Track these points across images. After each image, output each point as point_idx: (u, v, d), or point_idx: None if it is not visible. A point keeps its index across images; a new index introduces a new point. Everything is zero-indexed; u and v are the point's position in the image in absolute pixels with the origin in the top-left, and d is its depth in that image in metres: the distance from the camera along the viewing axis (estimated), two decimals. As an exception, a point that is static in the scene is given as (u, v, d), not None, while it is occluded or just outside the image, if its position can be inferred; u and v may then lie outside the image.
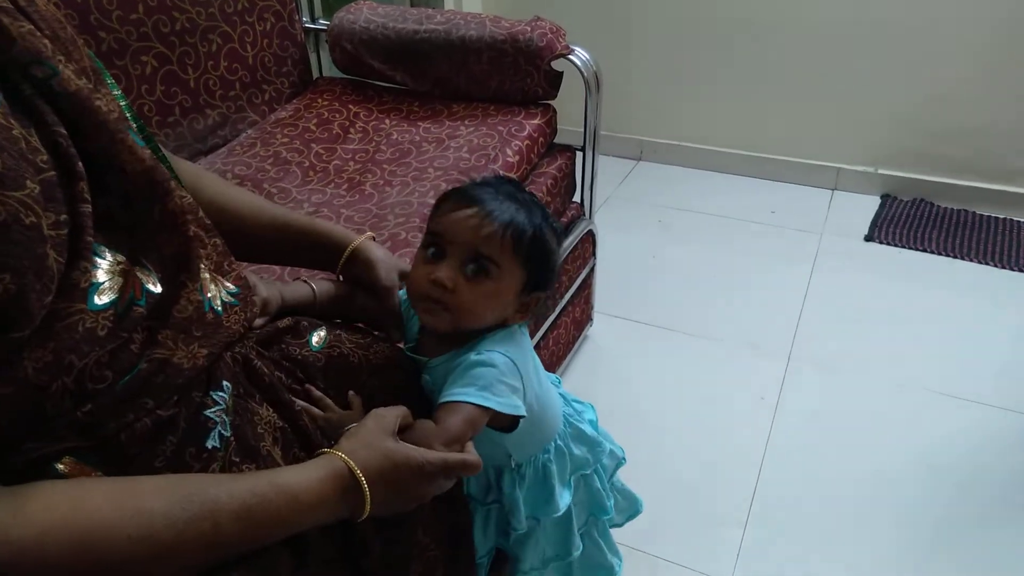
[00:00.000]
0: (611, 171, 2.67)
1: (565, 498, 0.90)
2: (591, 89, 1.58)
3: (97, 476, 0.55)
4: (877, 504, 1.47)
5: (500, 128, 1.55)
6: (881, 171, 2.48)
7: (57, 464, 0.53)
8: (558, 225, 0.83)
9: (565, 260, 1.63)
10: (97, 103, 0.56)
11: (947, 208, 2.40)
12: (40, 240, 0.49)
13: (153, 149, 0.64)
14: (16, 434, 0.52)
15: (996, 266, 2.15)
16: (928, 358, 1.82)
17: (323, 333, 0.79)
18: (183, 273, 0.62)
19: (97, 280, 0.55)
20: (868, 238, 2.30)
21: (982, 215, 2.36)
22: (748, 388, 1.76)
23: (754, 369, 1.82)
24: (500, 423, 0.79)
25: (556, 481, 0.89)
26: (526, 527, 0.90)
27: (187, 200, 0.64)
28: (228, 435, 0.63)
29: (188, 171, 0.81)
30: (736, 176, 2.65)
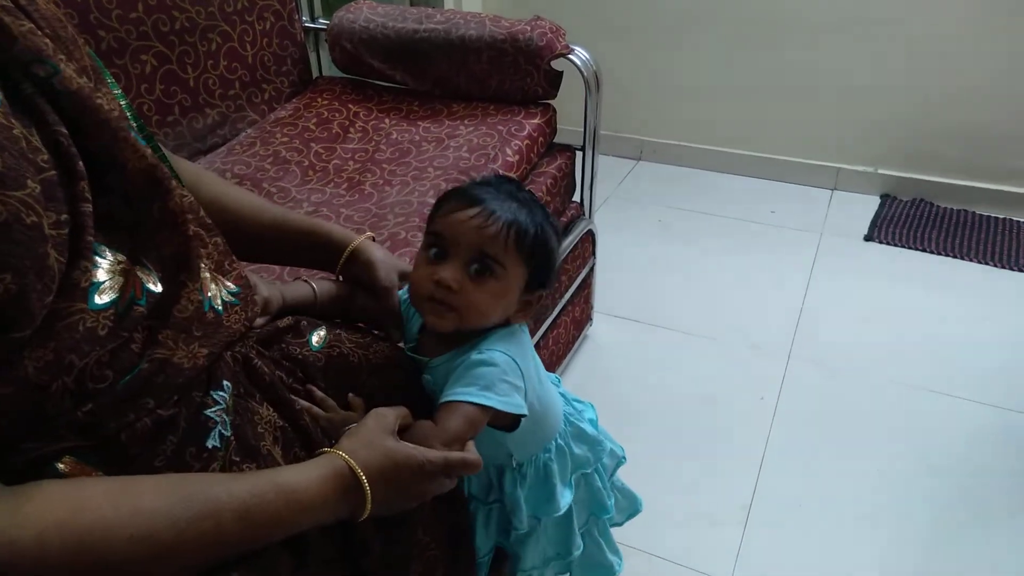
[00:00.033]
0: (611, 171, 2.67)
1: (566, 497, 0.90)
2: (591, 89, 1.58)
3: (97, 476, 0.55)
4: (877, 504, 1.47)
5: (500, 128, 1.55)
6: (881, 171, 2.48)
7: (57, 464, 0.53)
8: (557, 224, 0.83)
9: (565, 260, 1.63)
10: (98, 102, 0.56)
11: (947, 208, 2.40)
12: (41, 240, 0.49)
13: (153, 148, 0.64)
14: (16, 434, 0.51)
15: (996, 266, 2.15)
16: (928, 358, 1.82)
17: (323, 333, 0.79)
18: (183, 272, 0.62)
19: (98, 279, 0.54)
20: (868, 238, 2.30)
21: (982, 215, 2.36)
22: (748, 388, 1.76)
23: (754, 369, 1.82)
24: (502, 422, 0.79)
25: (557, 480, 0.89)
26: (528, 526, 0.90)
27: (188, 199, 0.64)
28: (228, 435, 0.63)
29: (188, 171, 0.81)
30: (736, 176, 2.65)
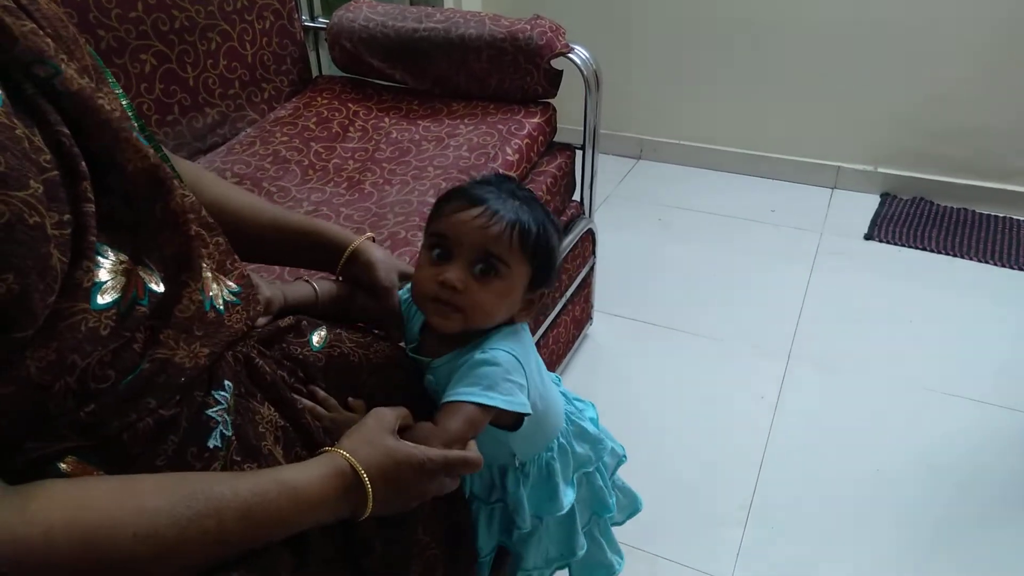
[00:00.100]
0: (611, 170, 2.67)
1: (569, 496, 0.90)
2: (591, 88, 1.58)
3: (100, 475, 0.55)
4: (877, 504, 1.47)
5: (500, 127, 1.55)
6: (881, 170, 2.48)
7: (60, 464, 0.53)
8: (558, 222, 0.83)
9: (565, 259, 1.63)
10: (100, 102, 0.56)
11: (947, 207, 2.40)
12: (43, 240, 0.49)
13: (155, 148, 0.64)
14: (19, 433, 0.51)
15: (996, 265, 2.15)
16: (928, 357, 1.82)
17: (323, 332, 0.79)
18: (185, 272, 0.62)
19: (100, 279, 0.54)
20: (868, 237, 2.30)
21: (982, 214, 2.36)
22: (748, 387, 1.76)
23: (754, 368, 1.82)
24: (504, 421, 0.79)
25: (560, 479, 0.89)
26: (530, 526, 0.90)
27: (189, 199, 0.64)
28: (230, 434, 0.63)
29: (188, 171, 0.81)
30: (736, 175, 2.65)
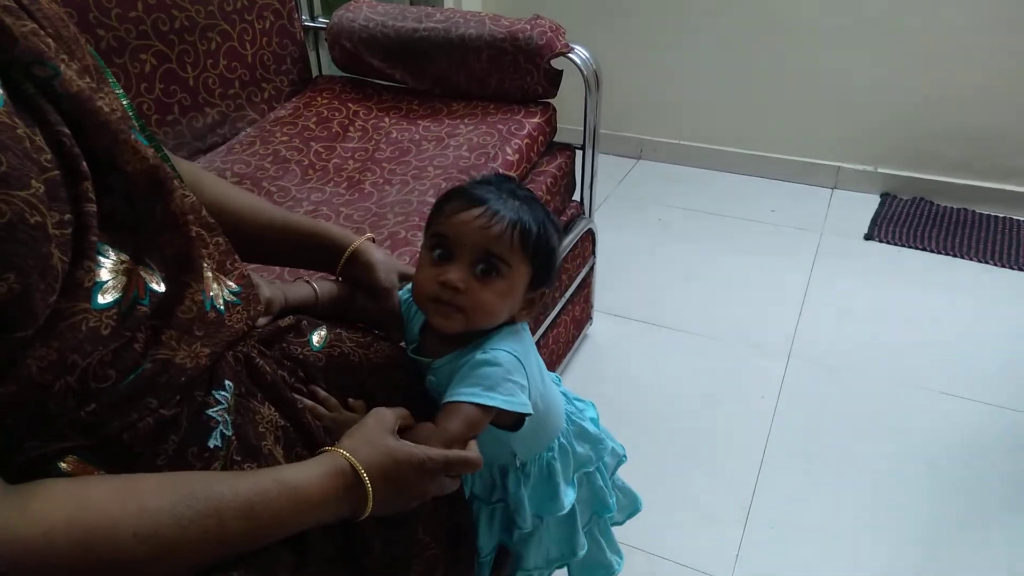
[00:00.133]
0: (611, 170, 2.67)
1: (570, 496, 0.90)
2: (591, 88, 1.58)
3: (100, 475, 0.55)
4: (877, 504, 1.47)
5: (500, 127, 1.55)
6: (881, 170, 2.48)
7: (60, 463, 0.53)
8: (557, 221, 0.84)
9: (565, 259, 1.63)
10: (99, 104, 0.56)
11: (947, 207, 2.40)
12: (45, 239, 0.49)
13: (156, 148, 0.64)
14: (19, 433, 0.51)
15: (996, 265, 2.15)
16: (928, 357, 1.82)
17: (323, 332, 0.79)
18: (186, 273, 0.62)
19: (101, 279, 0.54)
20: (868, 237, 2.30)
21: (982, 214, 2.36)
22: (748, 387, 1.76)
23: (754, 368, 1.82)
24: (505, 421, 0.79)
25: (560, 479, 0.89)
26: (531, 526, 0.90)
27: (189, 199, 0.64)
28: (230, 434, 0.63)
29: (188, 171, 0.81)
30: (736, 175, 2.65)
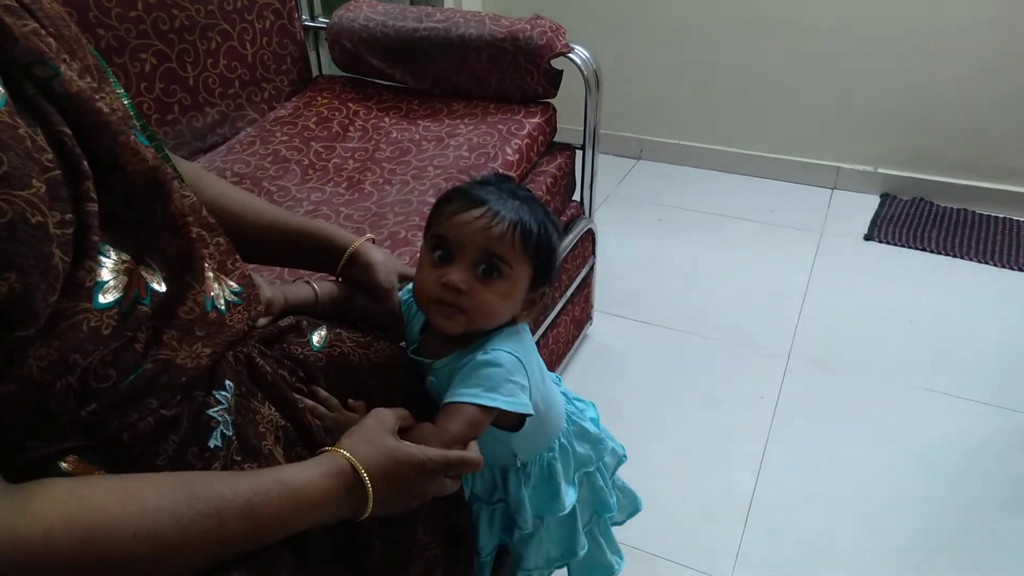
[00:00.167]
0: (611, 170, 2.67)
1: (570, 496, 0.90)
2: (591, 88, 1.58)
3: (101, 475, 0.55)
4: (876, 504, 1.47)
5: (500, 127, 1.55)
6: (881, 170, 2.48)
7: (61, 463, 0.53)
8: (557, 221, 0.84)
9: (565, 259, 1.63)
10: (99, 104, 0.55)
11: (947, 207, 2.40)
12: (46, 239, 0.49)
13: (156, 148, 0.64)
14: (20, 433, 0.51)
15: (996, 265, 2.15)
16: (928, 358, 1.82)
17: (324, 332, 0.79)
18: (188, 274, 0.62)
19: (102, 279, 0.54)
20: (867, 237, 2.30)
21: (982, 214, 2.36)
22: (748, 387, 1.76)
23: (754, 368, 1.82)
24: (506, 422, 0.79)
25: (561, 479, 0.89)
26: (532, 526, 0.90)
27: (189, 200, 0.64)
28: (230, 434, 0.63)
29: (188, 171, 0.81)
30: (736, 175, 2.65)
